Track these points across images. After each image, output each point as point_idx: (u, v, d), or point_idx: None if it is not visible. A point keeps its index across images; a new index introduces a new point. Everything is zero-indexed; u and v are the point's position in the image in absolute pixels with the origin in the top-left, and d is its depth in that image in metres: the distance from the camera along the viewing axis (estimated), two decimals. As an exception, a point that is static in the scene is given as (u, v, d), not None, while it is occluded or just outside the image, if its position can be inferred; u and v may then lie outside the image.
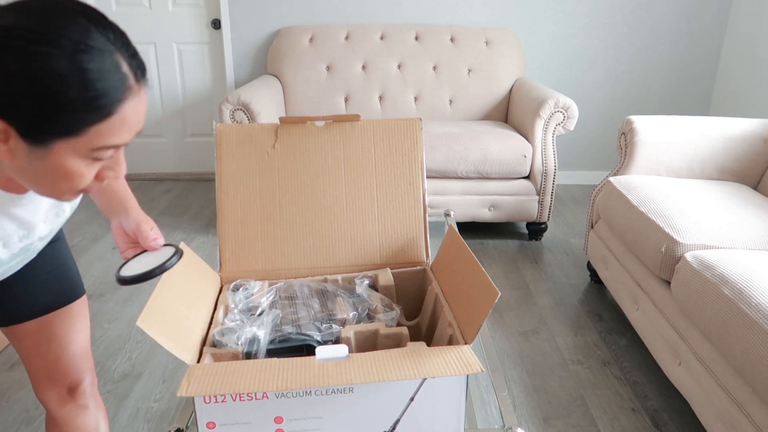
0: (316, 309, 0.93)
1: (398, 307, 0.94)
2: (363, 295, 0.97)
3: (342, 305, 0.94)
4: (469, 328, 0.79)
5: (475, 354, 0.74)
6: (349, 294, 0.98)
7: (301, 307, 0.93)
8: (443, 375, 0.70)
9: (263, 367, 0.72)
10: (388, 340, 0.86)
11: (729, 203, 1.89)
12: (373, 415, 0.73)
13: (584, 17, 3.42)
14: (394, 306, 0.94)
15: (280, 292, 0.98)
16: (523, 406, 1.75)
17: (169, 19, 3.49)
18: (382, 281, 1.01)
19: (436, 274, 1.02)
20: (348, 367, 0.71)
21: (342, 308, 0.93)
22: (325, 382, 0.69)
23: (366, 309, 0.94)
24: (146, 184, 3.70)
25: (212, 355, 0.82)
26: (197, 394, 0.68)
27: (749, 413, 1.32)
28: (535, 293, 2.42)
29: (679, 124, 2.21)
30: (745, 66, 3.30)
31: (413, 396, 0.73)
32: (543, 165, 2.76)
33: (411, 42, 3.25)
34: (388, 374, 0.70)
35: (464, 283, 0.87)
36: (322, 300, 0.96)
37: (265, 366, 0.72)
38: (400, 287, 1.04)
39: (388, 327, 0.88)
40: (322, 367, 0.71)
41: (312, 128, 1.08)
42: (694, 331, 1.57)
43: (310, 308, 0.93)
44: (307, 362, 0.73)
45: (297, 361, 0.73)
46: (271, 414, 0.72)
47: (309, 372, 0.71)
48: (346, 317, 0.91)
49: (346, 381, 0.69)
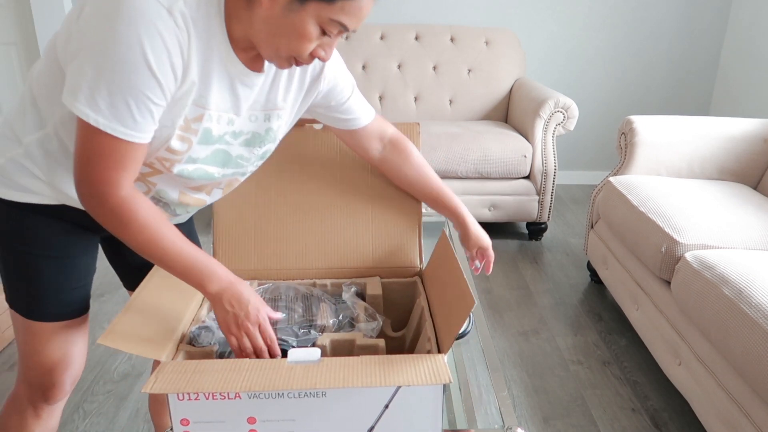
0: (299, 313, 0.93)
1: (381, 318, 0.94)
2: (348, 302, 0.96)
3: (324, 311, 0.93)
4: (446, 338, 0.79)
5: (447, 364, 0.73)
6: (334, 300, 0.98)
7: (283, 310, 0.93)
8: (411, 383, 0.69)
9: (233, 367, 0.73)
10: (364, 352, 0.86)
11: (729, 203, 1.89)
12: (347, 421, 0.73)
13: (584, 17, 3.42)
14: (378, 317, 0.94)
15: (266, 293, 0.98)
16: (523, 406, 1.75)
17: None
18: (370, 290, 1.01)
19: (426, 282, 1.02)
20: (317, 371, 0.71)
21: (324, 314, 0.93)
22: (291, 385, 0.69)
23: (348, 317, 0.93)
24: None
25: (186, 352, 0.82)
26: (163, 390, 0.68)
27: (749, 413, 1.32)
28: (535, 293, 2.42)
29: (679, 124, 2.21)
30: (745, 66, 3.29)
31: (388, 403, 0.72)
32: (543, 165, 2.76)
33: (411, 42, 3.25)
34: (355, 380, 0.70)
35: (448, 292, 0.87)
36: (306, 304, 0.96)
37: (234, 366, 0.73)
38: (389, 297, 1.04)
39: (366, 337, 0.87)
40: (291, 370, 0.72)
41: (309, 131, 1.08)
42: (694, 331, 1.57)
43: (293, 312, 0.93)
44: (277, 364, 0.73)
45: (267, 363, 0.74)
46: (244, 414, 0.72)
47: (277, 374, 0.71)
48: (326, 324, 0.91)
49: (311, 385, 0.69)
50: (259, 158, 0.96)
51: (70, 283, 0.96)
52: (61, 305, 0.96)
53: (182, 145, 0.83)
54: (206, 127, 0.83)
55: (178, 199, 0.94)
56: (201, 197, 0.97)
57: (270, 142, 0.94)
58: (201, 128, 0.82)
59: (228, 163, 0.91)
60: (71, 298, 0.97)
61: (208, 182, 0.92)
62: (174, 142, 0.82)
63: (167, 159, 0.84)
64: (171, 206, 0.96)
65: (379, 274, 1.06)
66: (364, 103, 1.03)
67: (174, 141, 0.81)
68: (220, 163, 0.89)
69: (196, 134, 0.83)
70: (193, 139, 0.83)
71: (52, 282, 0.94)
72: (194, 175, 0.88)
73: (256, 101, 0.88)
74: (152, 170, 0.87)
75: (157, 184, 0.90)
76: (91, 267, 1.02)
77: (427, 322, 0.89)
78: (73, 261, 0.97)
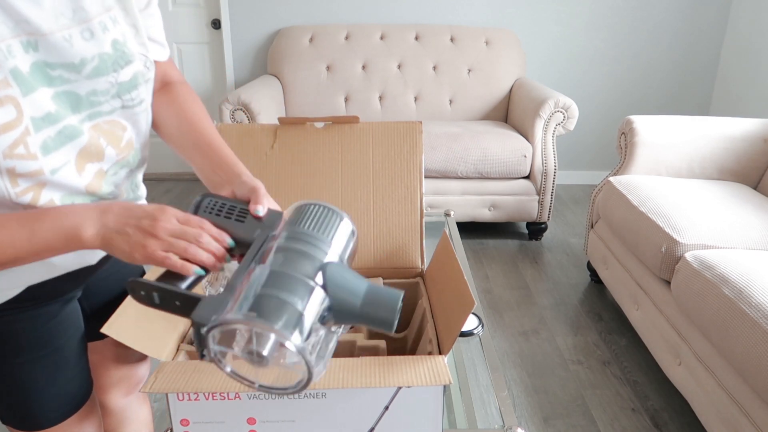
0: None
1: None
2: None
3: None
4: (446, 339, 0.80)
5: (447, 365, 0.73)
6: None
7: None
8: (411, 384, 0.69)
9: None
10: (365, 353, 0.86)
11: (729, 203, 1.89)
12: (347, 422, 0.73)
13: (584, 17, 3.42)
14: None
15: None
16: (523, 406, 1.75)
17: (169, 18, 3.49)
18: None
19: (428, 283, 1.02)
20: None
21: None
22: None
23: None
24: (146, 184, 3.69)
25: (187, 352, 0.82)
26: (162, 390, 0.68)
27: (749, 413, 1.32)
28: (535, 293, 2.42)
29: (679, 124, 2.21)
30: (745, 66, 3.29)
31: (388, 405, 0.72)
32: (543, 165, 2.76)
33: (411, 42, 3.25)
34: (355, 381, 0.69)
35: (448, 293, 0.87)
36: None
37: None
38: None
39: (366, 339, 0.87)
40: None
41: (311, 129, 1.08)
42: (694, 331, 1.57)
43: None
44: None
45: None
46: (244, 415, 0.72)
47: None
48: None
49: (311, 385, 0.69)
50: (127, 88, 0.72)
51: (65, 374, 0.82)
52: (61, 401, 0.82)
53: (8, 111, 0.60)
54: (11, 66, 0.60)
55: (84, 188, 0.71)
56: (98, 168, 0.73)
57: (127, 61, 0.71)
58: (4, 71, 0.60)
59: (81, 106, 0.68)
60: (70, 388, 0.82)
61: (78, 142, 0.68)
62: None
63: (14, 144, 0.61)
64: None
65: (380, 275, 1.06)
66: (162, 35, 0.82)
67: None
68: (71, 107, 0.67)
69: (7, 84, 0.60)
70: (11, 92, 0.60)
71: (46, 381, 0.79)
72: (61, 139, 0.66)
73: (59, 9, 0.64)
74: (30, 191, 0.65)
75: (52, 198, 0.68)
76: (83, 346, 0.85)
77: (428, 323, 0.89)
78: (63, 349, 0.81)
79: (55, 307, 0.79)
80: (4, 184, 0.63)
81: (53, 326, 0.79)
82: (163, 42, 0.82)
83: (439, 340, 0.84)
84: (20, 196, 0.64)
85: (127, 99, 0.73)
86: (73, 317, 0.84)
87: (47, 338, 0.78)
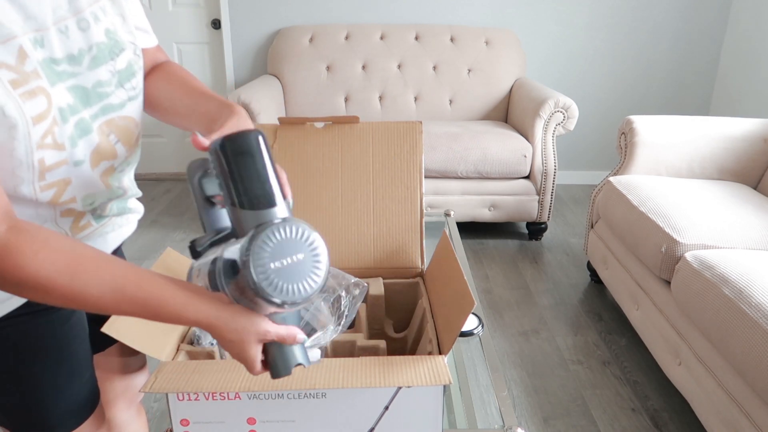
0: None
1: (336, 328, 0.90)
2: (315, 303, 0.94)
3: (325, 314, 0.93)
4: (446, 339, 0.79)
5: (447, 365, 0.73)
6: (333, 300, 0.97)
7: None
8: (411, 384, 0.69)
9: (233, 367, 0.72)
10: (365, 353, 0.86)
11: (729, 203, 1.89)
12: (347, 422, 0.73)
13: (584, 17, 3.42)
14: (332, 324, 0.89)
15: None
16: (523, 406, 1.75)
17: (169, 18, 3.49)
18: (373, 291, 1.01)
19: (428, 283, 1.02)
20: (317, 371, 0.71)
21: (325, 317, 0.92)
22: (291, 385, 0.69)
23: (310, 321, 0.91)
24: (146, 184, 3.70)
25: (187, 352, 0.82)
26: (162, 390, 0.68)
27: (749, 413, 1.32)
28: (535, 293, 2.42)
29: (679, 124, 2.21)
30: (745, 66, 3.29)
31: (388, 404, 0.72)
32: (543, 165, 2.76)
33: (411, 42, 3.25)
34: (355, 381, 0.69)
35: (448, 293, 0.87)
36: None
37: (234, 366, 0.73)
38: (391, 298, 1.04)
39: (365, 339, 0.87)
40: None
41: (311, 129, 1.08)
42: (694, 331, 1.57)
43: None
44: None
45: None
46: (243, 414, 0.72)
47: None
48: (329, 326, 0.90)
49: (311, 385, 0.69)
50: (125, 77, 0.73)
51: (80, 378, 0.81)
52: (76, 407, 0.81)
53: (40, 102, 0.61)
54: (43, 57, 0.62)
55: (102, 183, 0.73)
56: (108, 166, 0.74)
57: (121, 49, 0.72)
58: (33, 63, 0.61)
59: (90, 99, 0.69)
60: (80, 394, 0.81)
61: (90, 138, 0.70)
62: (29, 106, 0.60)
63: (45, 134, 0.62)
64: (98, 209, 0.76)
65: (380, 275, 1.06)
66: (146, 22, 0.82)
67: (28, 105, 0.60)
68: (81, 102, 0.68)
69: (38, 75, 0.61)
70: (41, 83, 0.62)
71: (63, 386, 0.78)
72: (78, 132, 0.67)
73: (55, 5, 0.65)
74: (55, 186, 0.66)
75: (75, 195, 0.70)
76: (89, 350, 0.84)
77: (428, 323, 0.89)
78: (77, 353, 0.80)
79: (66, 311, 0.79)
80: (32, 177, 0.64)
81: (67, 330, 0.79)
82: (148, 29, 0.82)
83: (439, 340, 0.84)
84: (44, 190, 0.66)
85: (129, 88, 0.74)
86: (82, 321, 0.84)
87: (63, 343, 0.78)
